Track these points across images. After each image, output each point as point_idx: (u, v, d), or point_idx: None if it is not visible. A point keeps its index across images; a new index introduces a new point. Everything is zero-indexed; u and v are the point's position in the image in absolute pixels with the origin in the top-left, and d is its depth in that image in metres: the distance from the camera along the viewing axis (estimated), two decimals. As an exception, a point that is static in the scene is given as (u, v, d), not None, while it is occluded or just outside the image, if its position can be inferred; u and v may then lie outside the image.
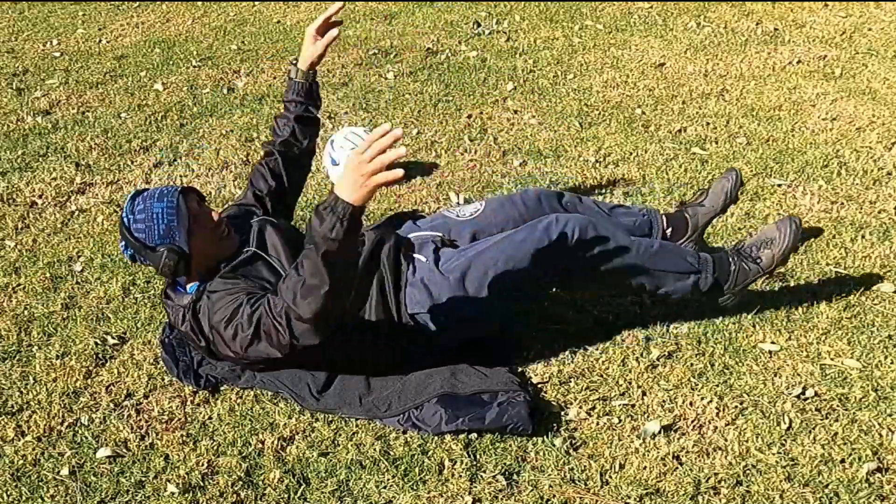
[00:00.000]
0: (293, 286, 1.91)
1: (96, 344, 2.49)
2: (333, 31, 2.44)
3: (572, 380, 2.29)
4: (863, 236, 2.87)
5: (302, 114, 2.55)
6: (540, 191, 2.55)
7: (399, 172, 1.76)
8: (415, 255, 2.35)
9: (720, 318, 2.47)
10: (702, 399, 2.20)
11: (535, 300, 2.29)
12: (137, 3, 6.15)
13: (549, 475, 2.00)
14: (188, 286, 2.25)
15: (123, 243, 2.23)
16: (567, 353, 2.38)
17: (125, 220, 2.19)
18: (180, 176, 3.52)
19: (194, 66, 4.81)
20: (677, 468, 2.00)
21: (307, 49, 2.47)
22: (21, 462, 2.09)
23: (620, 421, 2.15)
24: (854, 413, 2.15)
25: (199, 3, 6.06)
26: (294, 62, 2.52)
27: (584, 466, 2.02)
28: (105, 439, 2.15)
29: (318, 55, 2.47)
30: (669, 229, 2.60)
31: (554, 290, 2.51)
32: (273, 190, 2.53)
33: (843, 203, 3.09)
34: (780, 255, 2.34)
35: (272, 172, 2.54)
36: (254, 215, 2.43)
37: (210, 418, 2.21)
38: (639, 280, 2.31)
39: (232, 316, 2.06)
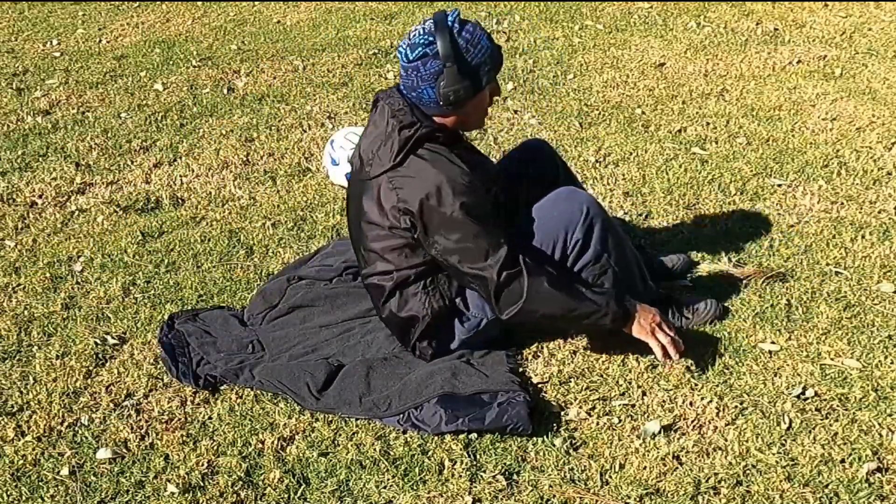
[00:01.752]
0: (558, 288, 2.11)
1: (96, 344, 2.49)
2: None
3: (572, 380, 2.29)
4: (863, 236, 2.87)
5: None
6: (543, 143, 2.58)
7: (667, 356, 2.17)
8: None
9: (720, 318, 2.47)
10: (702, 399, 2.20)
11: None
12: (137, 3, 6.15)
13: (549, 475, 2.00)
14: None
15: (423, 40, 2.05)
16: (567, 353, 2.38)
17: (448, 21, 2.05)
18: (180, 176, 3.52)
19: (194, 66, 4.81)
20: (677, 468, 2.00)
21: None
22: (21, 462, 2.09)
23: (620, 421, 2.15)
24: (854, 413, 2.14)
25: (199, 3, 6.06)
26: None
27: (584, 466, 2.02)
28: (105, 439, 2.15)
29: None
30: None
31: None
32: None
33: (843, 203, 3.09)
34: None
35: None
36: None
37: (210, 418, 2.21)
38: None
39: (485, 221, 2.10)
